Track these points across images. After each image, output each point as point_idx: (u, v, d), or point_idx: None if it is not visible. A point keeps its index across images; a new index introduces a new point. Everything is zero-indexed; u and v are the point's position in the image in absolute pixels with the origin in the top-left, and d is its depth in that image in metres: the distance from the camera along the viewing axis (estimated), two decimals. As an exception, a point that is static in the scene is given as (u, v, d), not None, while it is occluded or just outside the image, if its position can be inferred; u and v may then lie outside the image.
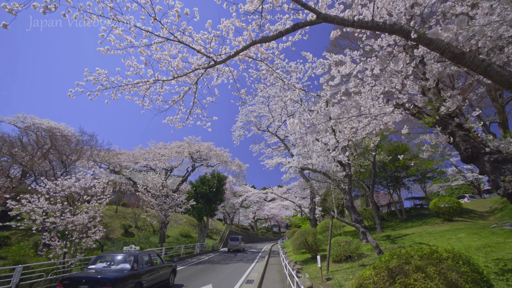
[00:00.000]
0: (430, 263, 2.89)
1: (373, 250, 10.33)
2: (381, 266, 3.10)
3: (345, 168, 13.40)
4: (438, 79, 3.82)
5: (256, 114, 22.05)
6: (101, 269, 6.59)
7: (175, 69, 5.95)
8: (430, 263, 2.87)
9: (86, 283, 5.71)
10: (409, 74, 4.15)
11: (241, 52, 5.15)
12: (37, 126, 18.16)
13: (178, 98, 6.58)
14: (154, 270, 7.68)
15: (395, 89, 4.20)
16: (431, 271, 2.69)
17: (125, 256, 7.11)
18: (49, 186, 9.31)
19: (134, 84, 5.91)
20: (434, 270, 2.69)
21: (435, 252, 3.90)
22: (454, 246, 8.19)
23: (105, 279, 5.73)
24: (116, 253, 7.34)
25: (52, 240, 8.85)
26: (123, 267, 6.72)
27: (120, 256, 7.12)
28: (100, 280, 5.73)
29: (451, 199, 14.81)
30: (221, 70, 6.79)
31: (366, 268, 3.49)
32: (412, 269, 2.79)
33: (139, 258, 7.22)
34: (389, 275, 2.87)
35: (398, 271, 2.84)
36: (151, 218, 17.56)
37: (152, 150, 21.85)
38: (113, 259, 7.05)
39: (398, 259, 3.30)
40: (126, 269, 6.59)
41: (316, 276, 8.24)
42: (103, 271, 6.32)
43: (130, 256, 7.09)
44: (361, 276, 3.27)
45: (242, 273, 11.16)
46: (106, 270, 6.47)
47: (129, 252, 7.45)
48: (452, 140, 3.78)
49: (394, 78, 4.06)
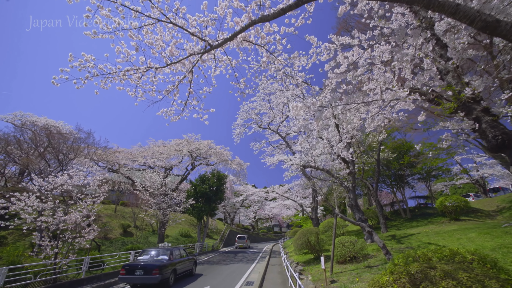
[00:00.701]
0: (460, 267, 2.45)
1: (378, 250, 9.87)
2: (400, 271, 2.66)
3: (348, 165, 12.94)
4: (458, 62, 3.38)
5: (257, 111, 21.62)
6: (148, 259, 8.84)
7: (169, 56, 5.51)
8: (459, 268, 2.42)
9: (141, 268, 7.98)
10: (427, 54, 3.69)
11: (239, 34, 4.70)
12: (33, 124, 17.78)
13: (172, 87, 6.14)
14: (183, 261, 10.04)
15: (409, 71, 3.74)
16: (463, 277, 2.25)
17: (163, 250, 9.41)
18: (40, 183, 8.90)
19: (124, 71, 5.48)
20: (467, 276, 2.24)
21: (457, 254, 3.44)
22: (466, 246, 7.72)
23: (154, 266, 8.00)
24: (155, 248, 9.72)
25: (42, 240, 8.44)
26: (163, 258, 8.96)
27: (160, 250, 9.44)
28: (151, 266, 7.97)
29: (458, 198, 14.31)
30: (219, 59, 6.35)
31: (382, 273, 3.05)
32: (439, 275, 2.35)
33: (173, 252, 9.54)
34: (411, 282, 2.43)
35: (422, 278, 2.40)
36: (149, 218, 17.16)
37: (151, 148, 21.45)
38: (154, 252, 9.32)
39: (420, 263, 2.85)
40: (165, 260, 8.84)
41: (319, 278, 7.79)
42: (150, 261, 8.56)
43: (167, 250, 9.38)
44: (376, 282, 2.83)
45: (242, 274, 10.73)
46: (152, 260, 8.68)
47: (164, 247, 9.78)
48: (477, 127, 3.33)
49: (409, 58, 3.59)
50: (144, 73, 5.91)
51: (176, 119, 7.20)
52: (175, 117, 7.16)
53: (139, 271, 7.91)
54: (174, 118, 7.17)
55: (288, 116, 18.56)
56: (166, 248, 9.52)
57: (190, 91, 6.27)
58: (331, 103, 4.43)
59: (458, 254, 3.38)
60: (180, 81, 6.05)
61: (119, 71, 5.45)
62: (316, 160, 14.44)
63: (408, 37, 3.41)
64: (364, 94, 4.55)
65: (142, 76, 5.96)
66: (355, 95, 5.45)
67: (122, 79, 5.92)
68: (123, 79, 5.92)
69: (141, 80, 6.08)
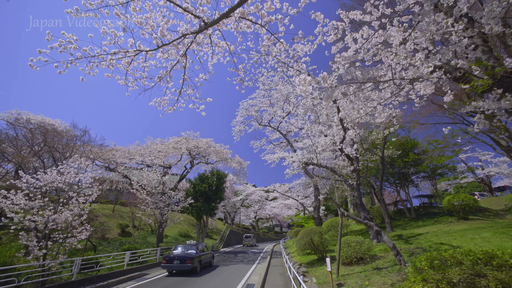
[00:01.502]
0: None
1: (386, 251, 9.35)
2: (437, 279, 2.16)
3: (353, 162, 12.41)
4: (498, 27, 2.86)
5: (257, 109, 21.10)
6: (180, 252, 11.57)
7: (160, 37, 5.00)
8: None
9: (177, 259, 10.65)
10: (455, 22, 3.18)
11: (236, 8, 4.20)
12: (28, 121, 17.29)
13: (165, 74, 5.64)
14: (205, 254, 12.69)
15: (432, 45, 3.23)
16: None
17: (191, 245, 12.17)
18: (28, 180, 8.41)
19: (111, 54, 4.98)
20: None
21: (494, 256, 2.92)
22: (484, 247, 7.18)
23: (187, 257, 10.75)
24: (184, 244, 12.45)
25: (30, 240, 7.95)
26: (191, 251, 11.63)
27: (188, 245, 12.17)
28: (184, 257, 10.73)
29: (467, 196, 13.77)
30: (216, 44, 5.85)
31: (410, 280, 2.53)
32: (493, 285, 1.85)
33: (198, 247, 12.18)
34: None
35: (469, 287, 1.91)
36: (146, 217, 16.65)
37: (149, 146, 20.96)
38: (184, 247, 12.06)
39: (460, 268, 2.33)
40: (193, 253, 11.49)
41: (325, 281, 7.27)
42: (183, 253, 11.33)
43: (194, 245, 12.14)
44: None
45: (242, 276, 10.21)
46: (184, 253, 11.42)
47: (192, 244, 12.53)
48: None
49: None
50: (134, 58, 5.41)
51: (170, 110, 6.70)
52: (170, 108, 6.66)
53: (176, 261, 10.64)
54: (169, 109, 6.66)
55: (290, 112, 18.03)
56: (193, 244, 12.33)
57: (185, 78, 5.77)
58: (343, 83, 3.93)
59: (496, 256, 2.86)
60: (173, 66, 5.54)
61: (105, 54, 4.95)
62: (319, 157, 13.93)
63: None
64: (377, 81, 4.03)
65: (131, 61, 5.46)
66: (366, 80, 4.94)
67: (110, 65, 5.42)
68: (111, 64, 5.42)
69: (131, 66, 5.58)
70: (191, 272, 10.80)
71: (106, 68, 5.38)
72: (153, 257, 14.27)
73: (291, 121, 19.85)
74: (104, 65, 5.39)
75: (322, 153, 13.51)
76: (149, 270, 12.34)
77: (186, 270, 10.46)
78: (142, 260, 13.45)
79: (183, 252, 11.48)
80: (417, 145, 19.73)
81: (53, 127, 18.66)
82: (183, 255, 10.99)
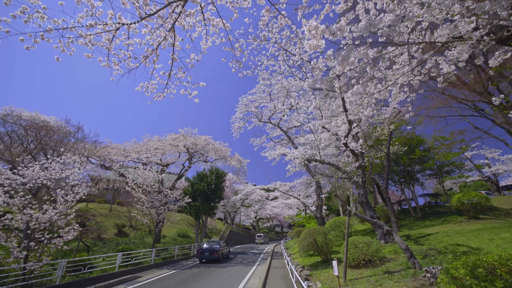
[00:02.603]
0: None
1: (396, 252, 8.67)
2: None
3: (358, 158, 11.73)
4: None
5: (257, 105, 20.44)
6: (208, 246, 15.39)
7: (142, 6, 4.34)
8: None
9: (207, 251, 14.81)
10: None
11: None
12: (19, 117, 16.66)
13: (151, 52, 4.98)
14: (224, 248, 17.01)
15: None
16: None
17: (216, 241, 16.19)
18: (8, 175, 7.76)
19: (87, 27, 4.32)
20: None
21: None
22: (507, 249, 6.51)
23: (215, 249, 14.95)
24: (210, 240, 16.91)
25: (9, 240, 7.30)
26: (216, 245, 15.52)
27: (213, 241, 16.18)
28: (212, 249, 14.91)
29: (478, 194, 13.08)
30: (210, 21, 5.18)
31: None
32: None
33: (220, 243, 16.12)
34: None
35: None
36: (142, 216, 15.99)
37: (146, 144, 20.32)
38: (210, 242, 16.00)
39: None
40: (217, 247, 15.39)
41: (331, 286, 6.60)
42: (210, 248, 15.15)
43: (217, 242, 16.15)
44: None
45: (241, 279, 9.55)
46: (211, 246, 15.33)
47: (215, 240, 16.69)
48: None
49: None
50: (116, 34, 4.76)
51: (160, 97, 6.04)
52: (159, 95, 6.00)
53: (207, 252, 14.72)
54: (158, 95, 6.00)
55: (292, 107, 17.36)
56: (217, 241, 16.32)
57: (174, 58, 5.11)
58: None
59: None
60: (160, 42, 4.88)
61: (80, 26, 4.29)
62: (322, 154, 13.25)
63: None
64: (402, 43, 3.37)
65: (113, 38, 4.81)
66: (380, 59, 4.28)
67: (89, 42, 4.78)
68: (91, 42, 4.77)
69: (113, 44, 4.92)
70: (217, 260, 14.97)
71: (87, 49, 4.72)
72: (149, 259, 13.62)
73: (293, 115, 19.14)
74: (82, 42, 4.74)
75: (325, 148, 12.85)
76: (143, 272, 11.69)
77: (214, 259, 14.72)
78: (136, 261, 12.80)
79: (210, 247, 15.25)
80: (423, 141, 19.03)
81: (46, 123, 18.04)
82: (211, 248, 14.95)
